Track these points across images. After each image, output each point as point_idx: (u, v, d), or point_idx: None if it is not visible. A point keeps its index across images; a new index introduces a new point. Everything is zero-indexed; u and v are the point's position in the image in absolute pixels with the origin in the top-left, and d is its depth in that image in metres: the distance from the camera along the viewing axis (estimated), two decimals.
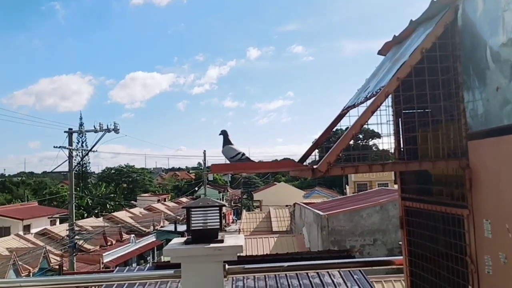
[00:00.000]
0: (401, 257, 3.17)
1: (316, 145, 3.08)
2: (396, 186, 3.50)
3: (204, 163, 46.09)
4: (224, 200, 57.99)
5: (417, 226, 2.84)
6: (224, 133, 2.77)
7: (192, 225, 2.97)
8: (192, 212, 2.98)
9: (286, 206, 31.51)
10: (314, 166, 2.27)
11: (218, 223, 2.98)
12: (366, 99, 2.53)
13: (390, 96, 2.70)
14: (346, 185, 48.47)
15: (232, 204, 61.46)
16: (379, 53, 3.27)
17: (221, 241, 2.92)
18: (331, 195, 43.47)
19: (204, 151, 43.70)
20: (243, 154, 2.66)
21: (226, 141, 2.76)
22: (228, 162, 2.65)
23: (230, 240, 3.00)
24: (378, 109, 2.22)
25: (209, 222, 2.97)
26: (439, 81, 2.29)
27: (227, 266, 3.04)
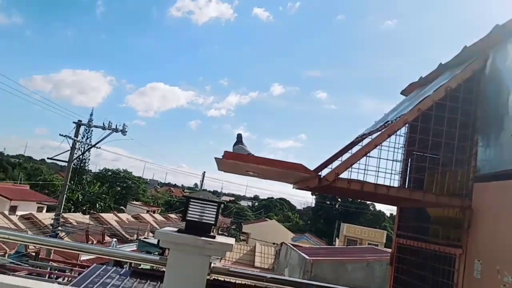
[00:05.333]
0: None
1: (321, 168, 3.13)
2: (387, 249, 3.50)
3: (201, 184, 45.98)
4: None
5: (406, 263, 2.86)
6: (238, 136, 2.86)
7: (188, 215, 2.99)
8: (191, 203, 3.01)
9: (273, 244, 31.12)
10: (322, 175, 2.32)
11: (214, 219, 3.00)
12: (384, 127, 2.60)
13: (406, 131, 2.77)
14: (337, 238, 47.96)
15: (220, 231, 60.85)
16: (402, 93, 3.37)
17: (213, 236, 2.94)
18: (319, 244, 42.94)
19: (204, 172, 43.62)
20: (253, 156, 2.73)
21: (239, 141, 2.84)
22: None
23: (221, 238, 3.02)
24: (394, 133, 2.29)
25: (205, 216, 3.00)
26: (457, 121, 2.36)
27: (212, 265, 3.05)
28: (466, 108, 2.36)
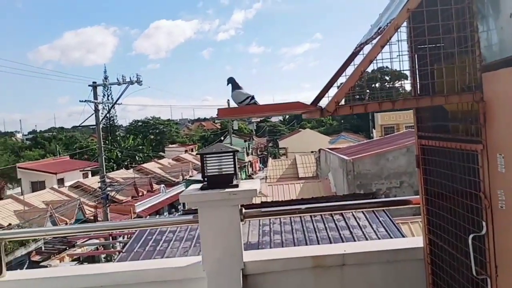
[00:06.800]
0: (418, 196, 3.14)
1: (329, 86, 3.01)
2: None
3: None
4: (250, 149, 58.42)
5: (433, 164, 2.79)
6: (231, 80, 2.75)
7: (207, 171, 2.98)
8: (207, 158, 2.99)
9: (312, 152, 31.56)
10: (322, 107, 2.22)
11: (233, 169, 2.99)
12: (378, 34, 2.43)
13: (406, 30, 2.59)
14: (373, 129, 47.98)
15: (258, 152, 61.93)
16: None
17: (236, 185, 2.94)
18: (357, 140, 43.09)
19: (228, 100, 43.60)
20: (252, 98, 2.63)
21: (235, 86, 2.73)
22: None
23: (245, 185, 3.02)
24: (388, 43, 2.14)
25: (224, 168, 2.98)
26: (452, 11, 2.17)
27: (244, 210, 3.08)
28: None
